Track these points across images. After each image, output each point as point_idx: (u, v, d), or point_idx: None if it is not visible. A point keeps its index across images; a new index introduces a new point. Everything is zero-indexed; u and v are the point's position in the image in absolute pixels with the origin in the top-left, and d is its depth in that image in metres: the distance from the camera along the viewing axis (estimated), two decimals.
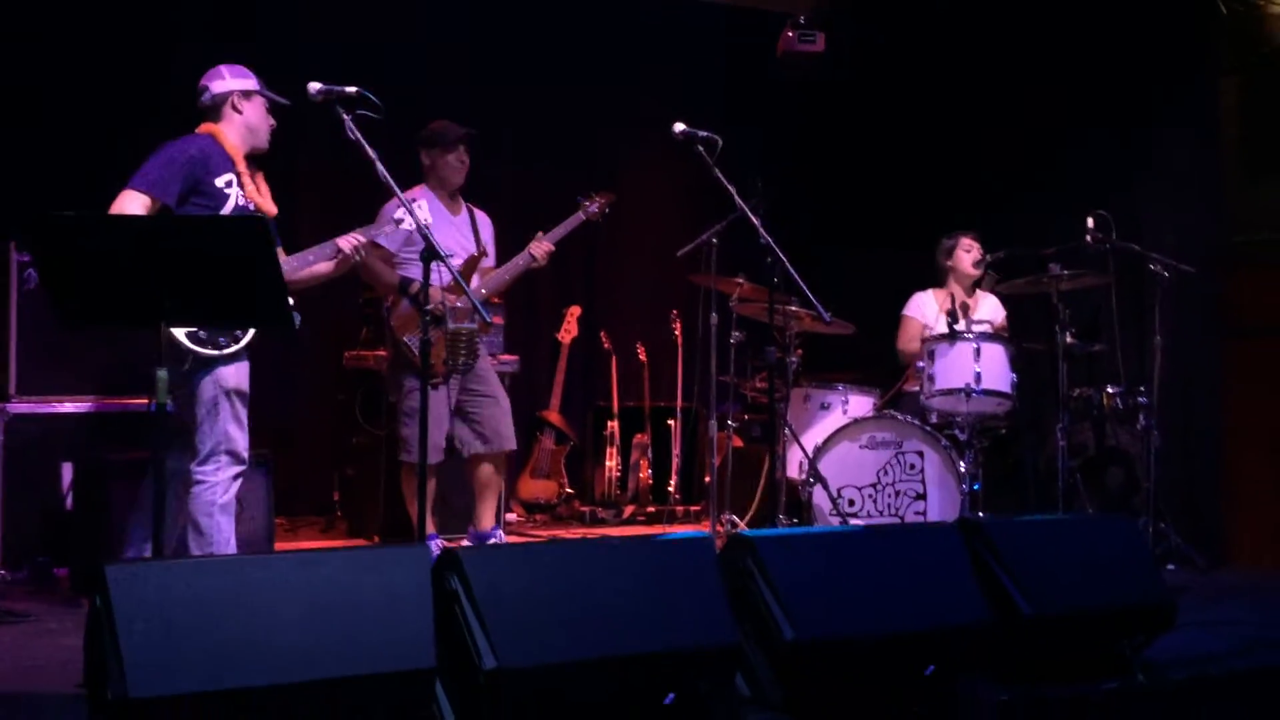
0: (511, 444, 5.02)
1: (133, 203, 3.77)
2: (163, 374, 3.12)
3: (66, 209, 3.00)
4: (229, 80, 4.05)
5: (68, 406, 4.81)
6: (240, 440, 3.91)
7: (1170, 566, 5.13)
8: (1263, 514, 5.50)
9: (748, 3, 7.05)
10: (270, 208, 4.08)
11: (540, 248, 4.93)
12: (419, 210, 3.94)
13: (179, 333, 3.76)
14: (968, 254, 5.76)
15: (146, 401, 4.70)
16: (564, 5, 6.85)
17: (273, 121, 4.11)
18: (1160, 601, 3.55)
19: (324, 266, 4.14)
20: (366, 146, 3.69)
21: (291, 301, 3.82)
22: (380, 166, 3.68)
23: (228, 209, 3.92)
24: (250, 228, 3.13)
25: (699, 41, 7.27)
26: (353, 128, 3.73)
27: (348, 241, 4.13)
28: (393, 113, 3.80)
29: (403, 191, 4.35)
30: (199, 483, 3.85)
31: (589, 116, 7.13)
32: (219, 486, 3.85)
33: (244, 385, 3.92)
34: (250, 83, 4.06)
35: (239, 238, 3.10)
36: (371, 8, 6.44)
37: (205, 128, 4.02)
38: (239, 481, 3.93)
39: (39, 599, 4.34)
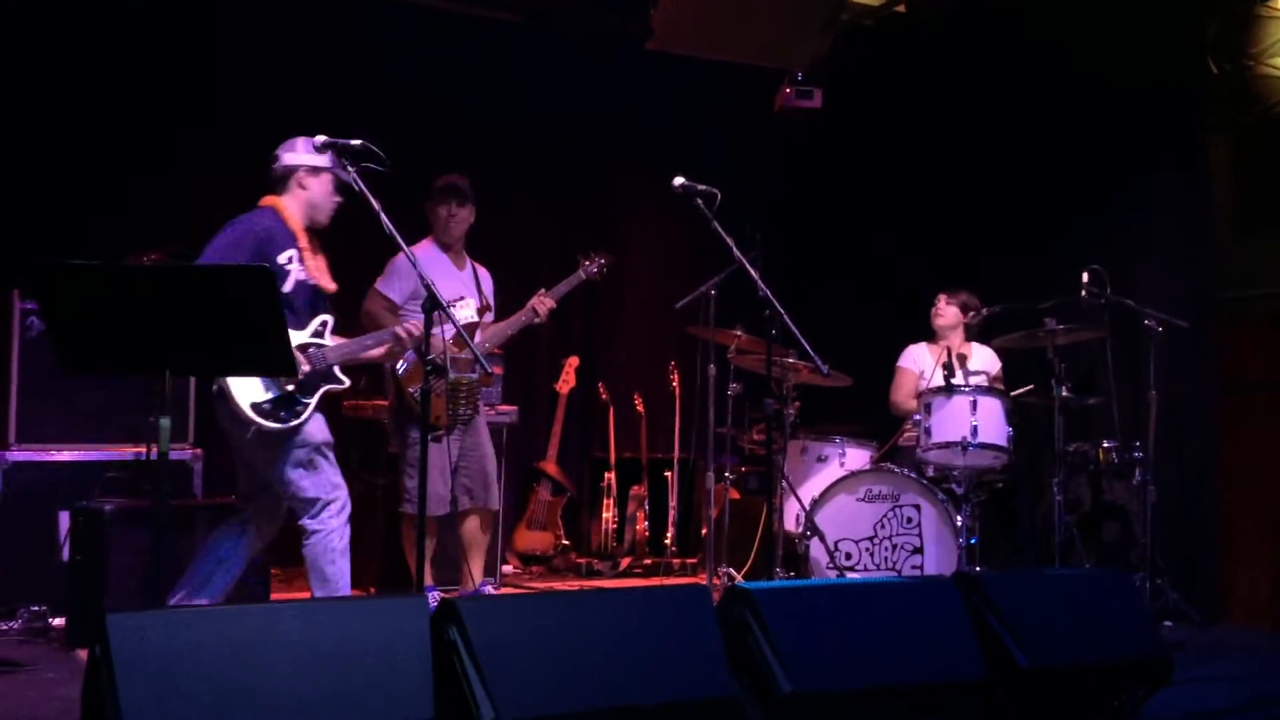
0: (496, 503, 5.08)
1: None
2: (165, 422, 3.15)
3: (70, 257, 3.04)
4: (300, 154, 4.09)
5: (65, 455, 4.82)
6: (343, 485, 4.07)
7: (1167, 623, 5.12)
8: (1259, 570, 5.50)
9: (747, 60, 7.15)
10: (329, 285, 4.15)
11: (543, 304, 4.98)
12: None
13: (245, 406, 3.86)
14: (934, 311, 5.84)
15: (145, 449, 4.80)
16: (565, 59, 6.96)
17: (338, 199, 4.13)
18: (1158, 657, 3.55)
19: (378, 350, 4.24)
20: (371, 198, 3.74)
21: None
22: (385, 218, 3.72)
23: (288, 286, 3.99)
24: (254, 277, 3.16)
25: (699, 97, 7.37)
26: (358, 180, 3.78)
27: (404, 330, 4.22)
28: (396, 165, 3.86)
29: (413, 245, 4.42)
30: (315, 533, 3.99)
31: (589, 170, 7.22)
32: (335, 533, 4.00)
33: (328, 435, 4.08)
34: (321, 159, 4.07)
35: (243, 287, 3.13)
36: (373, 59, 6.54)
37: (268, 200, 4.09)
38: (349, 527, 4.06)
39: (35, 648, 4.32)
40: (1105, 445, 5.37)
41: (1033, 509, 5.51)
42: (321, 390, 4.03)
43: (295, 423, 3.95)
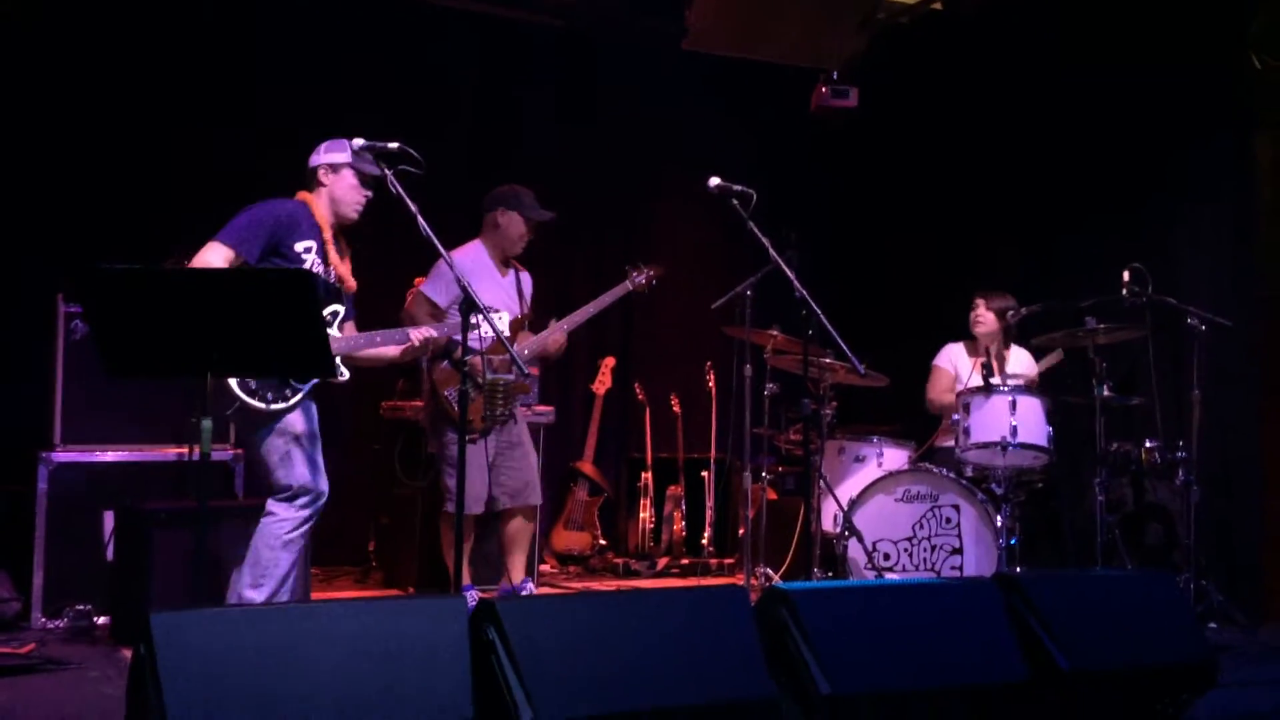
0: (538, 498, 5.06)
1: (215, 254, 3.90)
2: (207, 423, 3.19)
3: (114, 261, 3.09)
4: (321, 154, 4.21)
5: (110, 455, 4.88)
6: (317, 481, 4.03)
7: (1212, 625, 5.06)
8: None
9: (782, 60, 7.13)
10: (350, 282, 4.20)
11: (556, 341, 4.98)
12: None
13: (231, 381, 3.87)
14: (974, 316, 5.78)
15: (188, 450, 4.86)
16: (603, 61, 6.97)
17: (365, 194, 4.20)
18: (1203, 659, 3.50)
19: (391, 350, 4.26)
20: (409, 201, 3.76)
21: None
22: (422, 221, 3.74)
23: None
24: (294, 281, 3.20)
25: (735, 97, 7.36)
26: (395, 182, 3.80)
27: (419, 333, 4.25)
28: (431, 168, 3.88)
29: (461, 246, 4.43)
30: (270, 514, 3.97)
31: (625, 171, 7.23)
32: (289, 522, 3.96)
33: (313, 427, 4.06)
34: (339, 156, 4.17)
35: (283, 290, 3.16)
36: (412, 62, 6.58)
37: (301, 194, 4.19)
38: (310, 524, 4.03)
39: (79, 647, 4.37)
40: (1148, 445, 5.31)
41: (1074, 509, 5.46)
42: (315, 379, 4.03)
43: (279, 406, 3.94)
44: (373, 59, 6.47)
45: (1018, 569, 5.08)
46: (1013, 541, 5.12)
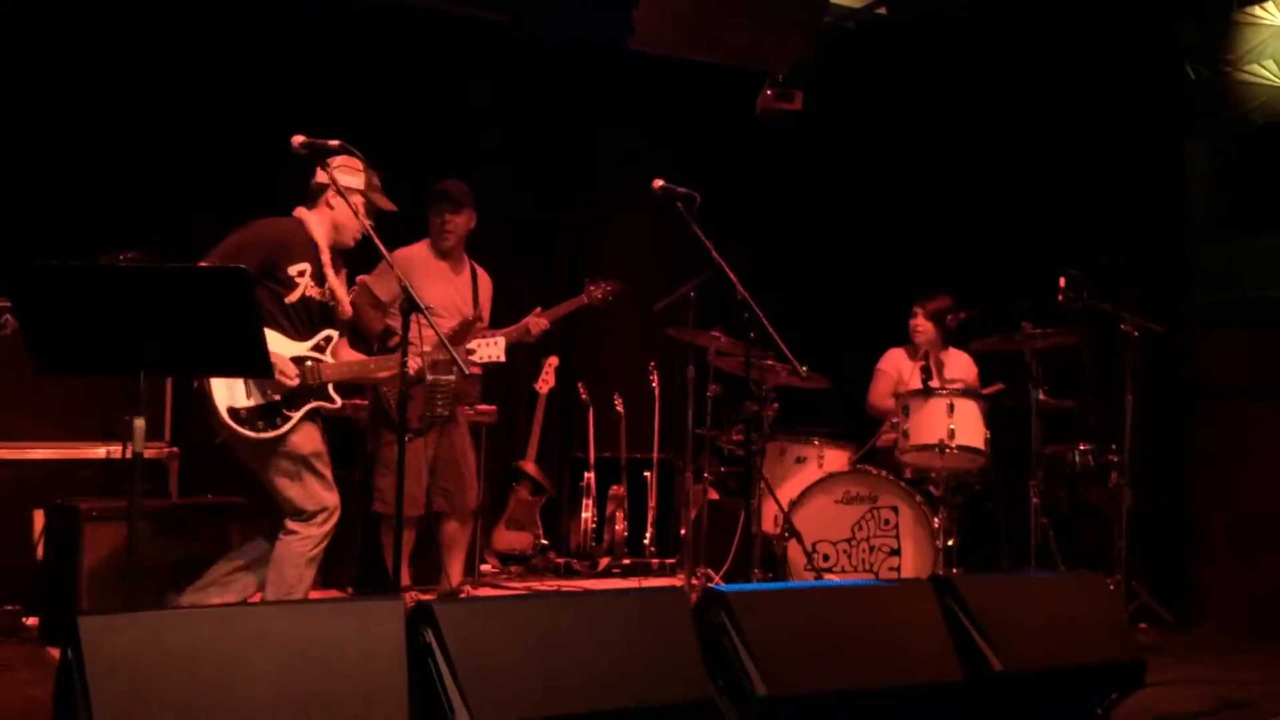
0: (474, 503, 5.05)
1: None
2: (140, 422, 3.13)
3: (44, 258, 3.02)
4: (332, 173, 3.99)
5: (39, 453, 4.78)
6: (329, 497, 3.98)
7: (1142, 625, 5.16)
8: (1233, 573, 5.54)
9: (728, 61, 7.15)
10: (347, 307, 4.12)
11: (537, 324, 4.95)
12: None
13: (222, 410, 3.83)
14: (912, 325, 5.89)
15: (121, 448, 4.77)
16: (549, 59, 6.95)
17: (368, 222, 4.01)
18: (1131, 659, 3.57)
19: (384, 374, 4.18)
20: (348, 201, 3.73)
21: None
22: (365, 221, 3.71)
23: (293, 297, 3.96)
24: (230, 278, 3.15)
25: (681, 99, 7.37)
26: (335, 180, 3.77)
27: (415, 362, 4.17)
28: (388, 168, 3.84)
29: (407, 246, 4.37)
30: (291, 533, 3.92)
31: (570, 170, 7.21)
32: (311, 540, 3.92)
33: (319, 446, 3.98)
34: (353, 181, 4.01)
35: (219, 288, 3.12)
36: (359, 57, 6.52)
37: (299, 212, 4.06)
38: (328, 540, 3.99)
39: (8, 648, 4.29)
40: (1081, 448, 5.40)
41: (1010, 511, 5.54)
42: (310, 405, 3.97)
43: (272, 434, 3.88)
44: (316, 52, 6.39)
45: (954, 570, 5.14)
46: (950, 543, 5.18)
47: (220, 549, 4.34)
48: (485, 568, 6.36)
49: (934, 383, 5.40)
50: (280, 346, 3.85)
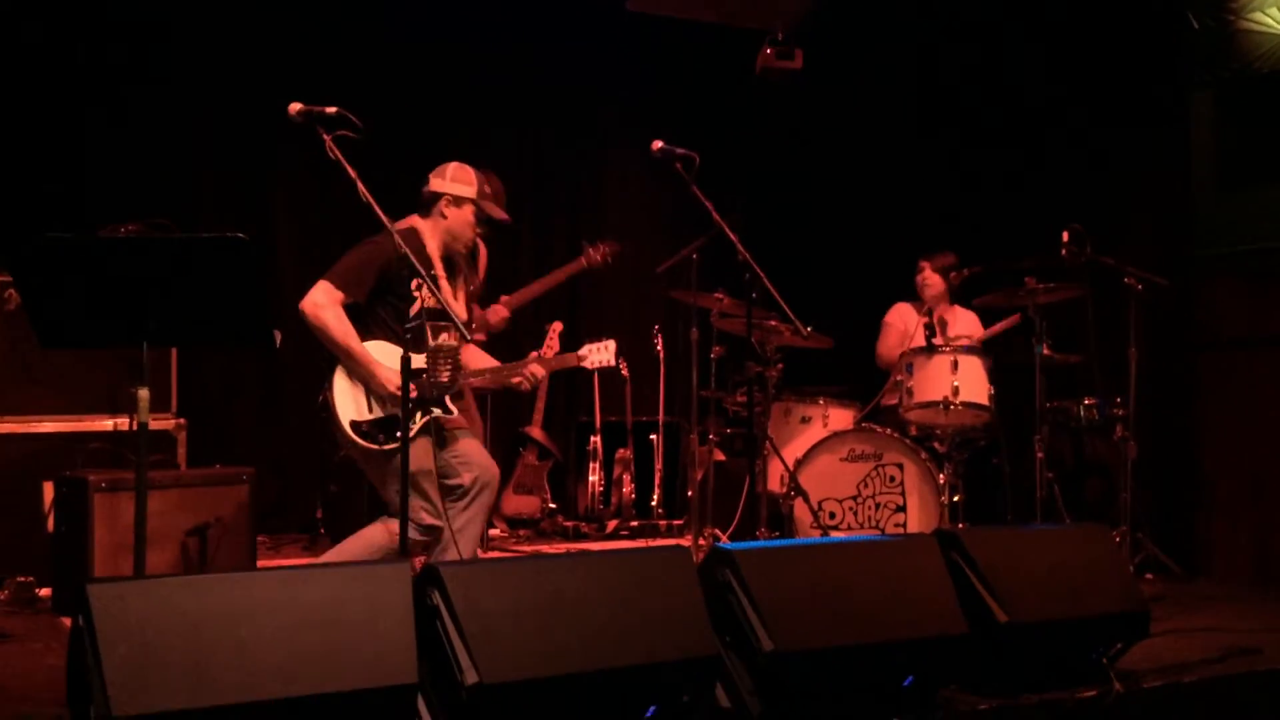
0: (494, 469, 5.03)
1: (324, 294, 3.90)
2: (144, 393, 3.14)
3: (47, 230, 3.03)
4: (447, 181, 4.07)
5: (48, 426, 4.81)
6: (431, 521, 4.00)
7: (1148, 576, 5.18)
8: (1238, 523, 5.56)
9: (727, 20, 7.11)
10: (460, 313, 4.13)
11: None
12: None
13: (344, 423, 3.91)
14: (920, 280, 5.89)
15: (128, 420, 4.79)
16: (550, 21, 6.91)
17: (479, 230, 4.09)
18: (1136, 610, 3.59)
19: (517, 379, 4.25)
20: (348, 167, 3.71)
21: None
22: (362, 187, 3.69)
23: (413, 309, 3.99)
24: (231, 248, 3.15)
25: (680, 59, 7.33)
26: (333, 148, 3.75)
27: (534, 368, 4.25)
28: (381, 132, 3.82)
29: (395, 219, 4.35)
30: (389, 529, 3.95)
31: (571, 135, 7.18)
32: (395, 548, 3.88)
33: (426, 464, 3.97)
34: (467, 190, 4.08)
35: (220, 257, 3.12)
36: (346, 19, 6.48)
37: (410, 220, 4.08)
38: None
39: (22, 619, 4.33)
40: (1086, 402, 5.40)
41: (1015, 467, 5.55)
42: (426, 417, 4.00)
43: (390, 447, 3.92)
44: (314, 11, 6.35)
45: (960, 525, 5.16)
46: (955, 498, 5.20)
47: (228, 515, 4.38)
48: (494, 532, 6.40)
49: (937, 339, 5.39)
50: (397, 359, 3.85)
